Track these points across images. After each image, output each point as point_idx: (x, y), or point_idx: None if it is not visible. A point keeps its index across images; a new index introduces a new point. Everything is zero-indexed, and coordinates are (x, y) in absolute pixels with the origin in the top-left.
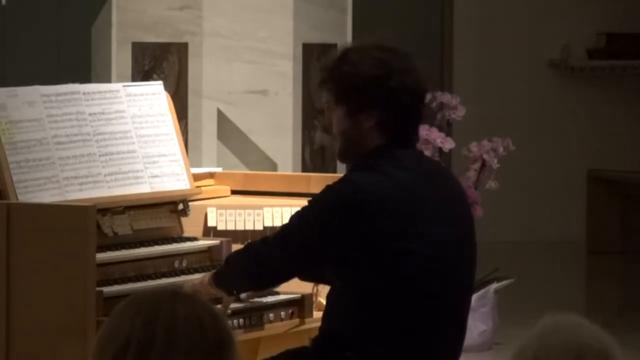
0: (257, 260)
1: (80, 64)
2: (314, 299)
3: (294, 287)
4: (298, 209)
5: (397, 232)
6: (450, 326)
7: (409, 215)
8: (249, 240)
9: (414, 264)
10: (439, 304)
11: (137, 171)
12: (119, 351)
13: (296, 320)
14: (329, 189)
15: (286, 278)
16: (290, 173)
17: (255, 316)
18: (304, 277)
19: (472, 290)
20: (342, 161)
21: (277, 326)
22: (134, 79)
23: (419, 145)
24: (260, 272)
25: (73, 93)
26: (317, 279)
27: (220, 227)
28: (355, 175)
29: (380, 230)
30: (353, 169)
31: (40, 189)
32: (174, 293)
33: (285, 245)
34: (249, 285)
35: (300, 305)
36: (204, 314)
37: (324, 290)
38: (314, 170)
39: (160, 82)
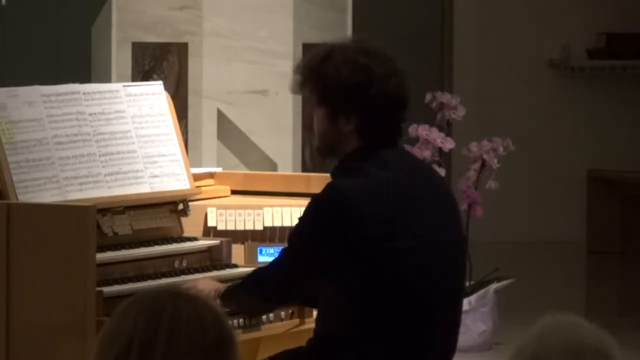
0: (262, 281)
1: (80, 64)
2: None
3: None
4: (297, 209)
5: (384, 233)
6: (444, 324)
7: (396, 214)
8: (249, 241)
9: (404, 263)
10: (431, 302)
11: (137, 171)
12: (121, 351)
13: (296, 320)
14: (313, 199)
15: (291, 295)
16: (290, 173)
17: None
18: (306, 301)
19: (463, 287)
20: (320, 157)
21: (277, 326)
22: (134, 79)
23: (419, 145)
24: (266, 292)
25: (73, 93)
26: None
27: (220, 227)
28: (338, 181)
29: (368, 232)
30: (335, 174)
31: (40, 189)
32: (176, 293)
33: (285, 262)
34: (258, 307)
35: (300, 305)
36: (206, 314)
37: None
38: (314, 170)
39: (160, 82)
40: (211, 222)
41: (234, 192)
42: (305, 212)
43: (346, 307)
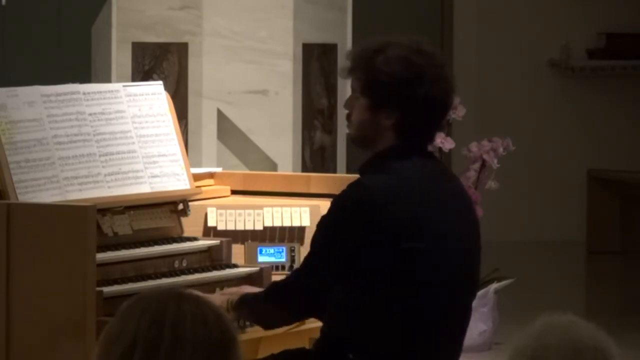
0: (287, 291)
1: (80, 64)
2: None
3: None
4: (297, 209)
5: (406, 233)
6: (453, 327)
7: (419, 215)
8: (249, 241)
9: (422, 264)
10: (443, 305)
11: (137, 171)
12: (125, 351)
13: None
14: (338, 196)
15: (317, 304)
16: (290, 173)
17: None
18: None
19: (475, 291)
20: (353, 144)
21: None
22: (134, 79)
23: None
24: (291, 302)
25: (73, 93)
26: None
27: (220, 227)
28: (366, 178)
29: (390, 232)
30: (364, 172)
31: (40, 189)
32: (179, 293)
33: (310, 269)
34: (281, 318)
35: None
36: (209, 313)
37: None
38: (313, 170)
39: (160, 82)
40: (211, 222)
41: (234, 192)
42: (329, 212)
43: (356, 307)
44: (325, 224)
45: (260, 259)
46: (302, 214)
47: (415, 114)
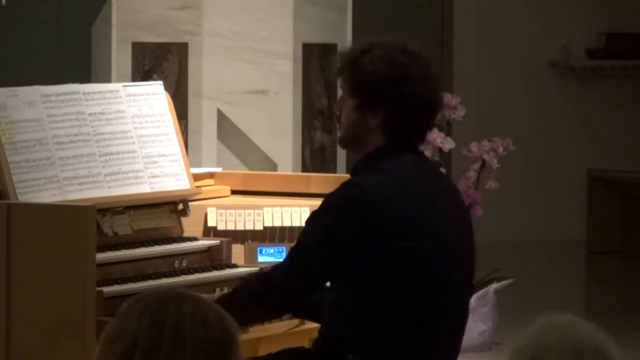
0: (270, 285)
1: (80, 64)
2: None
3: None
4: (297, 209)
5: (401, 232)
6: (452, 325)
7: (413, 214)
8: (249, 241)
9: (419, 264)
10: (441, 305)
11: (137, 171)
12: (126, 351)
13: (296, 321)
14: (330, 195)
15: (301, 296)
16: (290, 173)
17: None
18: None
19: (472, 290)
20: (341, 147)
21: (277, 326)
22: (134, 79)
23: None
24: (275, 297)
25: (73, 93)
26: (316, 313)
27: (220, 227)
28: (358, 178)
29: (385, 232)
30: (356, 172)
31: (40, 189)
32: (179, 293)
33: (297, 263)
34: (267, 313)
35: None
36: (209, 313)
37: None
38: (313, 170)
39: (160, 82)
40: (211, 222)
41: (234, 192)
42: (322, 210)
43: (357, 307)
44: (318, 223)
45: (260, 259)
46: (302, 214)
47: (402, 114)
